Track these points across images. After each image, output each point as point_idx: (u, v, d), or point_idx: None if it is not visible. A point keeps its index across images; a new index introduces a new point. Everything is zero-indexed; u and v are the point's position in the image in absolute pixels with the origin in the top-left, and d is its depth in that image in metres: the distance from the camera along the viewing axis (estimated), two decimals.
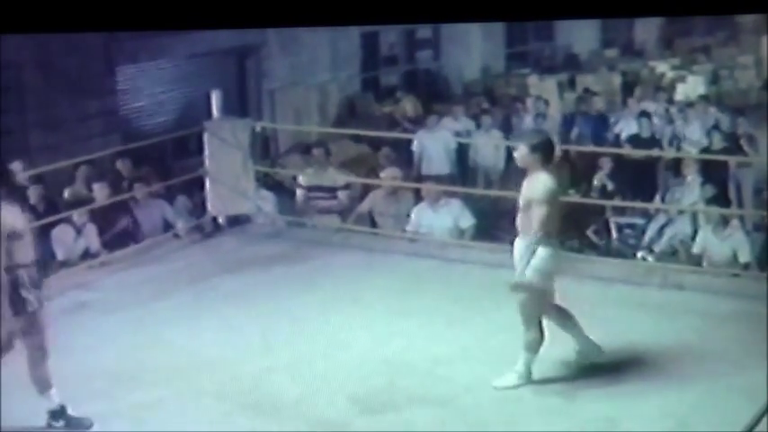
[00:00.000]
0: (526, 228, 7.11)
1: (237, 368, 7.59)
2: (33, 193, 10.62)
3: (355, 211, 11.34)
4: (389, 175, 11.53)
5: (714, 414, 6.72)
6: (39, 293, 6.79)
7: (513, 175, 14.60)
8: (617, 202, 11.85)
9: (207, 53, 14.65)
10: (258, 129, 12.03)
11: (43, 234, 10.16)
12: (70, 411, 6.77)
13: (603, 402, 6.96)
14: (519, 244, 7.18)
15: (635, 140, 13.75)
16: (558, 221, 7.20)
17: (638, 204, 11.28)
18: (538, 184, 7.05)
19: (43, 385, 6.75)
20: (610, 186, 12.30)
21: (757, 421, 5.96)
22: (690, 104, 15.65)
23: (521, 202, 7.15)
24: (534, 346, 7.24)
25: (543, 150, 7.08)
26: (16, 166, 6.68)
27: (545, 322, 7.26)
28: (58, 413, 6.76)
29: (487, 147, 14.46)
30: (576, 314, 8.40)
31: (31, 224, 9.97)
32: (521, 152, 7.13)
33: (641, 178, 12.70)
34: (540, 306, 7.23)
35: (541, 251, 7.04)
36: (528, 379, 7.23)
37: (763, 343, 7.16)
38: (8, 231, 6.50)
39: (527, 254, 7.05)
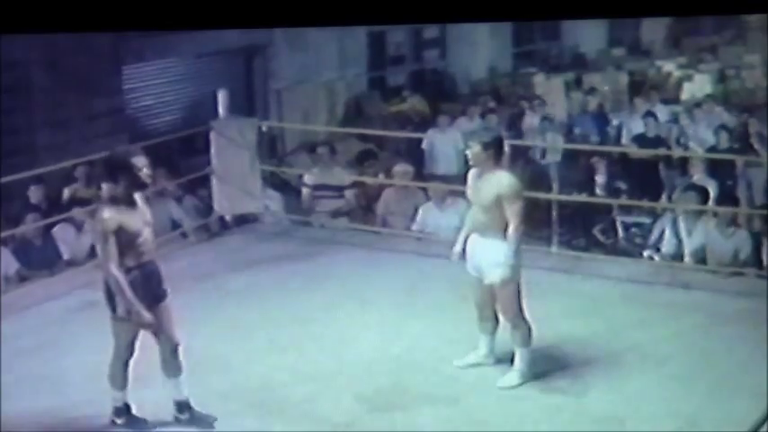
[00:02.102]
0: (490, 226, 7.12)
1: (244, 367, 7.59)
2: (34, 194, 10.65)
3: (375, 212, 11.42)
4: (401, 171, 11.56)
5: (720, 413, 6.72)
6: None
7: (515, 174, 14.70)
8: (623, 200, 11.85)
9: (214, 52, 14.66)
10: (265, 128, 12.04)
11: (47, 234, 10.18)
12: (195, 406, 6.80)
13: (610, 401, 6.96)
14: (486, 243, 7.18)
15: (641, 140, 13.74)
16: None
17: (645, 203, 11.26)
18: (503, 182, 7.09)
19: (174, 371, 6.74)
20: (601, 184, 12.37)
21: (761, 424, 5.96)
22: (697, 104, 15.62)
23: (480, 201, 7.16)
24: (528, 338, 7.28)
25: (495, 148, 7.13)
26: (141, 161, 6.44)
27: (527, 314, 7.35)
28: (185, 405, 6.77)
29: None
30: (581, 312, 8.44)
31: (37, 223, 10.08)
32: (474, 150, 7.15)
33: (647, 177, 12.68)
34: (519, 299, 7.29)
35: (516, 246, 7.09)
36: (530, 375, 7.25)
37: None
38: (134, 230, 6.45)
39: (509, 252, 7.06)
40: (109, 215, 6.36)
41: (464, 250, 7.40)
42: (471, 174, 7.29)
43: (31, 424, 6.82)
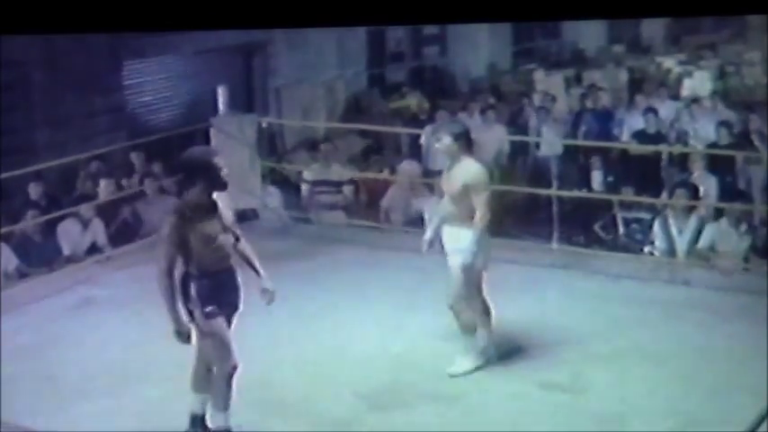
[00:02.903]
0: (459, 215, 7.25)
1: (244, 364, 7.56)
2: (34, 190, 10.65)
3: (381, 207, 11.44)
4: (408, 169, 11.57)
5: (720, 411, 6.71)
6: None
7: (516, 170, 14.70)
8: (623, 196, 11.84)
9: (213, 50, 14.66)
10: (265, 124, 12.04)
11: (47, 230, 10.18)
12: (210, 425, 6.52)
13: (610, 399, 6.96)
14: (453, 231, 7.31)
15: (641, 136, 13.73)
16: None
17: (646, 199, 11.25)
18: (471, 171, 7.21)
19: (223, 402, 6.38)
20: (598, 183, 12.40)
21: (761, 421, 5.96)
22: (694, 100, 15.62)
23: (450, 190, 7.28)
24: (489, 320, 7.43)
25: (465, 138, 7.27)
26: (221, 161, 6.14)
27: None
28: (198, 420, 6.53)
29: (491, 142, 14.44)
30: (582, 309, 8.43)
31: (36, 220, 10.08)
32: (445, 142, 7.27)
33: (648, 174, 12.68)
34: (480, 285, 7.42)
35: (479, 234, 7.23)
36: (492, 357, 7.41)
37: None
38: (209, 235, 6.16)
39: (473, 239, 7.19)
40: (180, 219, 6.09)
41: (434, 241, 7.53)
42: (445, 166, 7.44)
43: (30, 421, 6.81)
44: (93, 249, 10.35)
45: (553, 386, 7.15)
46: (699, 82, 18.47)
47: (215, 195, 6.22)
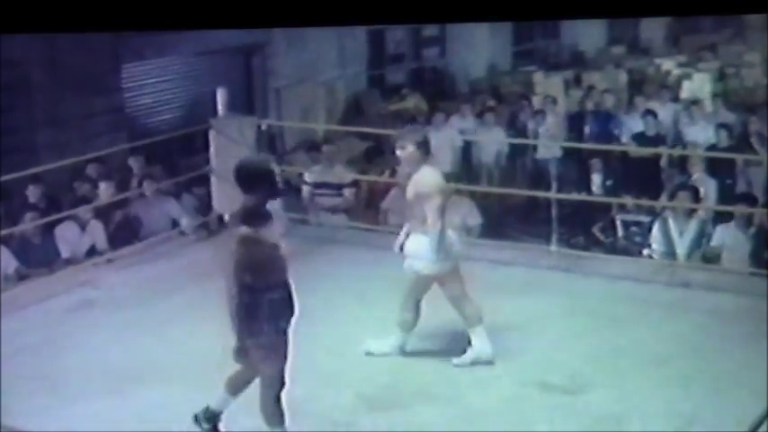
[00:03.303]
0: (417, 221, 7.36)
1: None
2: (33, 192, 10.65)
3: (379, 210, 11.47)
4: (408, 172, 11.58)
5: (720, 412, 6.72)
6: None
7: (516, 173, 14.72)
8: (623, 199, 11.87)
9: (213, 51, 14.66)
10: (264, 126, 12.04)
11: (46, 232, 10.18)
12: None
13: (610, 400, 6.96)
14: (413, 237, 7.43)
15: (640, 138, 13.74)
16: None
17: (644, 202, 11.27)
18: (423, 179, 7.31)
19: (278, 420, 6.16)
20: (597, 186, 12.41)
21: (760, 422, 5.96)
22: (693, 102, 15.63)
23: (407, 197, 7.41)
24: (411, 325, 7.59)
25: (425, 146, 7.37)
26: (276, 167, 6.05)
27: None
28: (213, 416, 6.46)
29: (491, 144, 14.47)
30: (581, 311, 8.43)
31: (35, 222, 10.08)
32: (408, 150, 7.37)
33: (647, 176, 12.70)
34: (425, 290, 7.52)
35: (436, 242, 7.27)
36: (402, 351, 7.61)
37: None
38: (272, 244, 5.96)
39: (428, 247, 7.26)
40: (247, 230, 5.88)
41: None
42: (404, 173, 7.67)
43: (30, 422, 6.81)
44: (93, 251, 10.35)
45: (553, 387, 7.16)
46: (698, 84, 18.48)
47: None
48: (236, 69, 15.72)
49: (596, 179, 12.74)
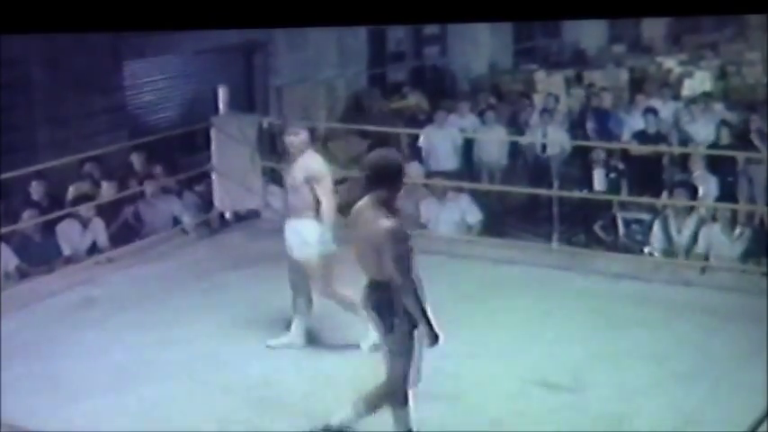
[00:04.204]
0: (302, 207, 7.50)
1: (244, 364, 7.59)
2: (36, 190, 10.65)
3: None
4: (411, 171, 11.57)
5: (721, 411, 6.72)
6: None
7: (516, 170, 14.70)
8: (623, 197, 11.86)
9: (214, 49, 14.63)
10: (265, 124, 12.05)
11: (48, 230, 10.18)
12: None
13: (610, 399, 6.96)
14: (296, 223, 7.59)
15: (641, 137, 13.73)
16: None
17: (645, 200, 11.26)
18: (311, 163, 7.50)
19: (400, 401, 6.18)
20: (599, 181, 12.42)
21: (761, 422, 5.96)
22: (692, 100, 15.62)
23: (293, 183, 7.52)
24: (308, 308, 7.71)
25: (314, 132, 7.49)
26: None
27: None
28: None
29: (491, 143, 14.45)
30: (582, 309, 8.44)
31: (36, 220, 10.08)
32: (301, 137, 7.56)
33: (648, 174, 12.69)
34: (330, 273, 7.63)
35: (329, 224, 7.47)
36: (305, 341, 7.71)
37: None
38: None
39: (316, 229, 7.46)
40: (395, 224, 5.84)
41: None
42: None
43: (30, 421, 6.81)
44: (94, 250, 10.35)
45: (554, 385, 7.16)
46: (699, 82, 18.47)
47: None
48: (237, 67, 15.69)
49: (598, 174, 12.72)
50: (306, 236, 7.50)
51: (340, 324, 7.87)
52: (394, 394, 6.09)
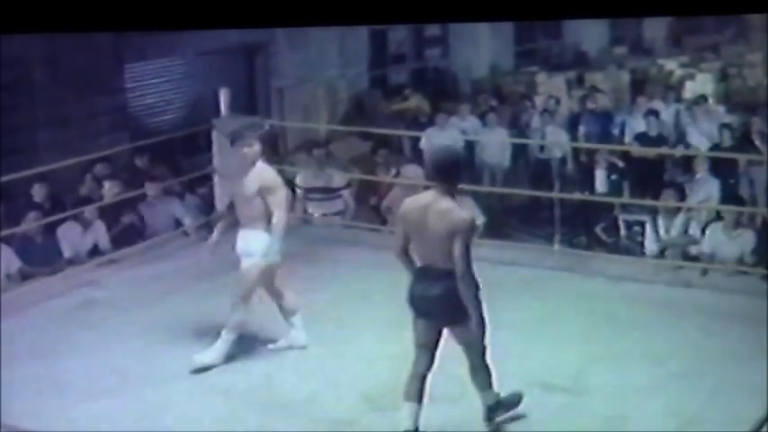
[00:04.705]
0: (254, 217, 7.40)
1: (246, 366, 7.59)
2: (38, 192, 10.64)
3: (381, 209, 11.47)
4: (410, 173, 11.58)
5: (722, 412, 6.72)
6: None
7: (518, 172, 14.71)
8: (625, 199, 11.87)
9: (215, 51, 14.65)
10: (267, 126, 12.03)
11: (49, 232, 10.18)
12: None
13: (611, 400, 6.96)
14: (246, 233, 7.49)
15: (643, 139, 13.74)
16: None
17: (648, 202, 11.26)
18: (265, 174, 7.43)
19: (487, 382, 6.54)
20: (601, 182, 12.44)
21: (762, 423, 5.96)
22: (697, 102, 15.62)
23: (246, 193, 7.43)
24: (242, 326, 7.57)
25: (265, 141, 7.64)
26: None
27: None
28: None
29: (493, 145, 14.46)
30: (583, 311, 8.43)
31: (39, 222, 10.07)
32: (255, 149, 7.49)
33: (650, 176, 12.69)
34: (255, 284, 7.57)
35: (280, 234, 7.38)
36: (227, 359, 7.53)
37: None
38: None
39: (265, 240, 7.35)
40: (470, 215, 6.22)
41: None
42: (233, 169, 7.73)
43: (31, 422, 6.81)
44: (95, 252, 10.35)
45: (555, 387, 7.15)
46: (700, 84, 18.48)
47: None
48: (239, 69, 15.70)
49: (600, 175, 12.73)
50: (254, 246, 7.43)
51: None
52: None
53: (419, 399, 6.35)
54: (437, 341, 6.39)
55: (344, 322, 8.37)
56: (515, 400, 6.71)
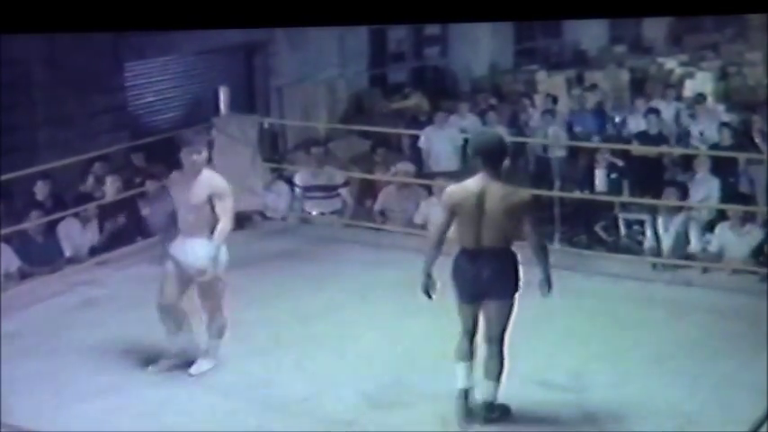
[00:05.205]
0: (199, 225, 7.30)
1: (245, 365, 7.59)
2: (41, 190, 10.64)
3: (374, 209, 11.44)
4: (402, 170, 11.56)
5: (722, 411, 6.72)
6: None
7: (518, 171, 14.69)
8: (625, 198, 11.86)
9: (215, 49, 14.64)
10: (266, 125, 12.04)
11: (49, 231, 10.17)
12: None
13: (611, 399, 6.96)
14: (191, 242, 7.35)
15: (643, 137, 13.72)
16: None
17: (648, 201, 11.25)
18: (214, 182, 7.35)
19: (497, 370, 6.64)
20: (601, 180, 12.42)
21: (762, 422, 5.95)
22: (698, 101, 15.62)
23: (194, 201, 7.33)
24: (222, 330, 7.53)
25: (211, 148, 7.66)
26: None
27: None
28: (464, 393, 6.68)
29: None
30: (583, 309, 8.43)
31: (39, 220, 10.07)
32: (203, 156, 7.42)
33: (650, 175, 12.68)
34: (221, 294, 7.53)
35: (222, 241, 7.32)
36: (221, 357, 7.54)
37: None
38: None
39: (210, 246, 7.23)
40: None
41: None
42: (175, 177, 7.70)
43: (30, 421, 6.81)
44: (95, 250, 10.34)
45: (555, 386, 7.16)
46: (700, 83, 18.48)
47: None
48: (238, 68, 15.70)
49: (600, 174, 12.71)
50: (201, 254, 7.30)
51: None
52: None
53: (470, 358, 6.60)
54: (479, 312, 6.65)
55: (343, 321, 8.37)
56: (506, 409, 6.73)
